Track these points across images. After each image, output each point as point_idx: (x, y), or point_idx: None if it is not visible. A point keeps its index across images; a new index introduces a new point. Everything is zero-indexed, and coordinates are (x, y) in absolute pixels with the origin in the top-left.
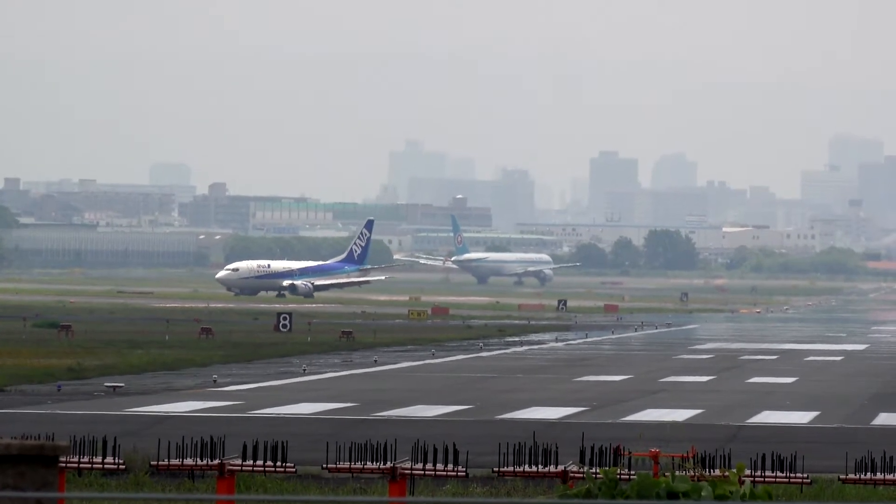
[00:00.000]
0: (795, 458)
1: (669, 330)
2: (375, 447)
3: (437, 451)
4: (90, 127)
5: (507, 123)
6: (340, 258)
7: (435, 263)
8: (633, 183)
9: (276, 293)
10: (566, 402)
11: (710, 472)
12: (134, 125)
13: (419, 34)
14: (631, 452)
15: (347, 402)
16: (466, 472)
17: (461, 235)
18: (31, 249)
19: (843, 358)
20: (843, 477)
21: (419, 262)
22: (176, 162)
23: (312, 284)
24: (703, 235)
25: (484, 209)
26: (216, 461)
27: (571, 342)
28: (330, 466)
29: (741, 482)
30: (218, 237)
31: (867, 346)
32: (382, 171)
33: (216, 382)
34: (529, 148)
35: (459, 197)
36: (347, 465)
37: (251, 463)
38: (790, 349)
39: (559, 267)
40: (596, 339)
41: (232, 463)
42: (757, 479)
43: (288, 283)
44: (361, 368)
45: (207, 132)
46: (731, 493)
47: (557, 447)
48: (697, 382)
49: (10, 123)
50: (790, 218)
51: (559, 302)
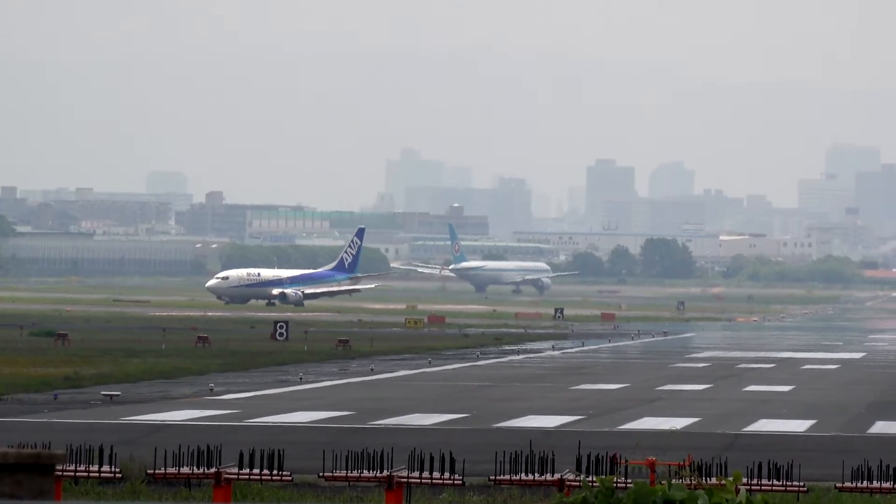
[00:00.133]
0: (792, 466)
1: (666, 338)
2: (372, 455)
3: (433, 459)
4: (87, 133)
5: (505, 125)
6: (331, 266)
7: (432, 272)
8: (629, 191)
9: (266, 302)
10: (563, 410)
11: (706, 480)
12: (131, 129)
13: (419, 34)
14: (627, 461)
15: (344, 410)
16: (463, 480)
17: (459, 244)
18: (27, 258)
19: (839, 366)
20: (839, 485)
21: (417, 270)
22: (172, 170)
23: (303, 293)
24: (699, 244)
25: (481, 217)
26: (213, 470)
27: (568, 351)
28: (326, 475)
29: (738, 491)
30: (214, 245)
31: (864, 354)
32: (379, 179)
33: (213, 391)
34: (528, 151)
35: (456, 205)
36: (344, 473)
37: (248, 471)
38: (787, 357)
39: (557, 275)
40: (593, 347)
41: (228, 471)
42: (754, 487)
43: (278, 291)
44: (358, 377)
45: (204, 136)
46: (727, 501)
47: (554, 455)
48: (694, 391)
49: (6, 132)
50: (787, 226)
51: (556, 310)
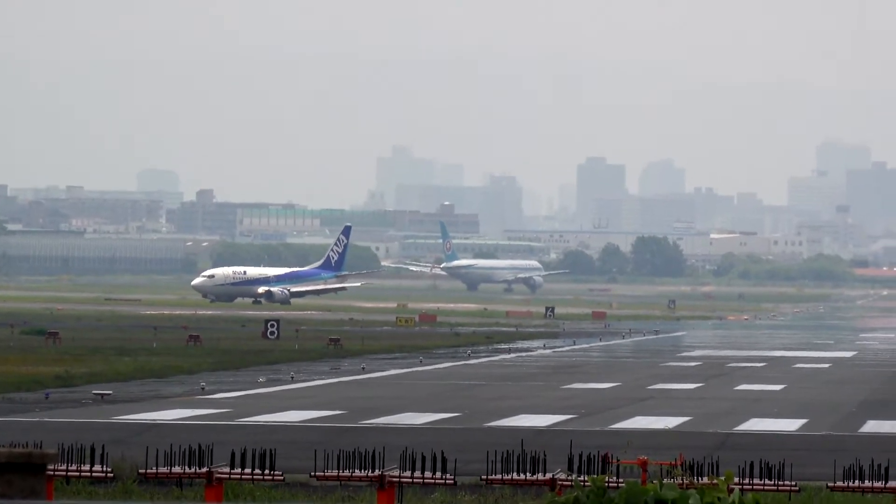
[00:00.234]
0: (784, 465)
1: (657, 337)
2: (364, 455)
3: (425, 458)
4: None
5: (504, 125)
6: (317, 265)
7: (423, 270)
8: (620, 189)
9: (252, 300)
10: (554, 409)
11: (698, 479)
12: (122, 128)
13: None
14: (619, 460)
15: (336, 409)
16: (455, 479)
17: (450, 242)
18: (18, 256)
19: (831, 365)
20: (831, 484)
21: (408, 268)
22: (163, 168)
23: (289, 291)
24: (690, 242)
25: (471, 216)
26: (204, 469)
27: (559, 349)
28: (318, 474)
29: (731, 490)
30: (205, 244)
31: (855, 353)
32: (370, 177)
33: (204, 390)
34: (521, 149)
35: (447, 203)
36: (336, 472)
37: (239, 471)
38: (778, 356)
39: (548, 274)
40: (584, 346)
41: (220, 471)
42: (745, 486)
43: (264, 289)
44: (349, 376)
45: (195, 134)
46: (719, 500)
47: (545, 455)
48: (685, 390)
49: None
50: (778, 224)
51: (547, 309)
